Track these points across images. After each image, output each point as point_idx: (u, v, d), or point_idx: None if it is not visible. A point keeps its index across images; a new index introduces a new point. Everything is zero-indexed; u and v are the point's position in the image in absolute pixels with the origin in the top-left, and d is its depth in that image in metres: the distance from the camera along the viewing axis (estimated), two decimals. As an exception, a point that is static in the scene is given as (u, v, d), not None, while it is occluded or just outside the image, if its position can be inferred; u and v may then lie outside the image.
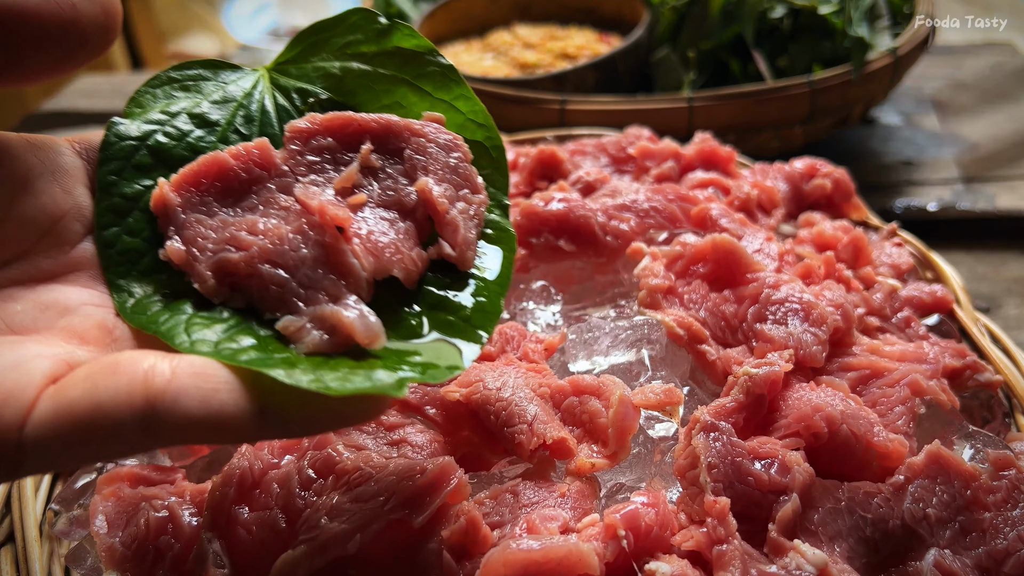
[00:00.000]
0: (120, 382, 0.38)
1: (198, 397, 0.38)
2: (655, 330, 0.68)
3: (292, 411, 0.39)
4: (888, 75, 1.26)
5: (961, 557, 0.53)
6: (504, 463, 0.59)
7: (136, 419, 0.37)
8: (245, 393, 0.39)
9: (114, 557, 0.54)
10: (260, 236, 0.46)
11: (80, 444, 0.38)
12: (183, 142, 0.50)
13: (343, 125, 0.50)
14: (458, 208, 0.50)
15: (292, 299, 0.44)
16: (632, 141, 0.97)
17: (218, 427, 0.38)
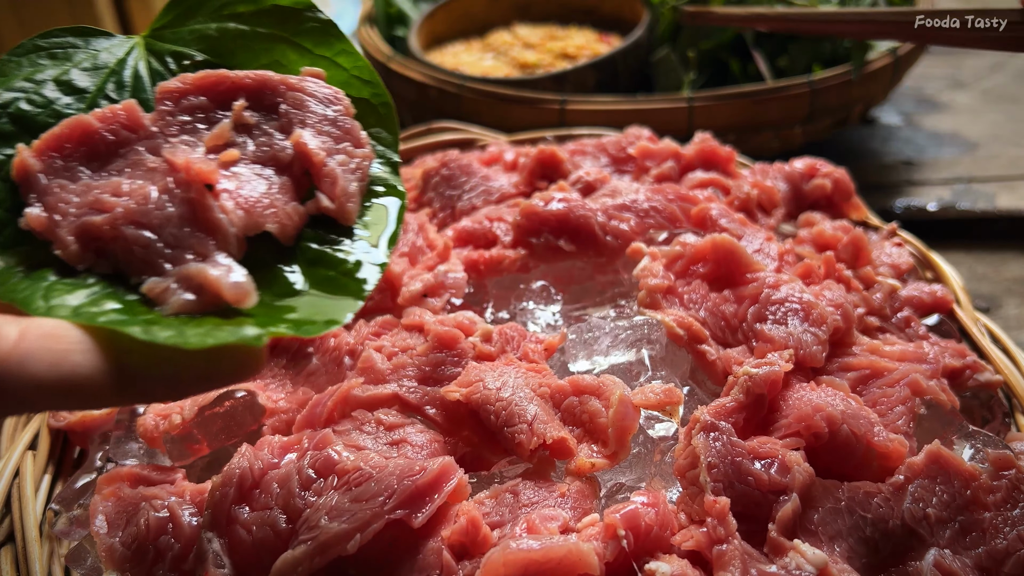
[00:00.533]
0: None
1: (48, 360, 0.36)
2: (655, 330, 0.68)
3: (153, 372, 0.38)
4: (888, 75, 1.26)
5: (961, 557, 0.53)
6: (504, 463, 0.59)
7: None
8: (101, 354, 0.37)
9: (114, 557, 0.54)
10: (124, 197, 0.44)
11: None
12: (48, 109, 0.48)
13: (215, 83, 0.49)
14: (337, 160, 0.48)
15: (158, 260, 0.42)
16: (632, 141, 0.97)
17: (72, 390, 0.37)
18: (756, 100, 1.20)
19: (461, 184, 0.89)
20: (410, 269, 0.76)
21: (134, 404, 0.49)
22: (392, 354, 0.65)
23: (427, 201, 0.90)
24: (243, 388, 0.64)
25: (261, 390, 0.65)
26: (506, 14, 1.59)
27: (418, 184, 0.92)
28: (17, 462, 0.67)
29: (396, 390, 0.62)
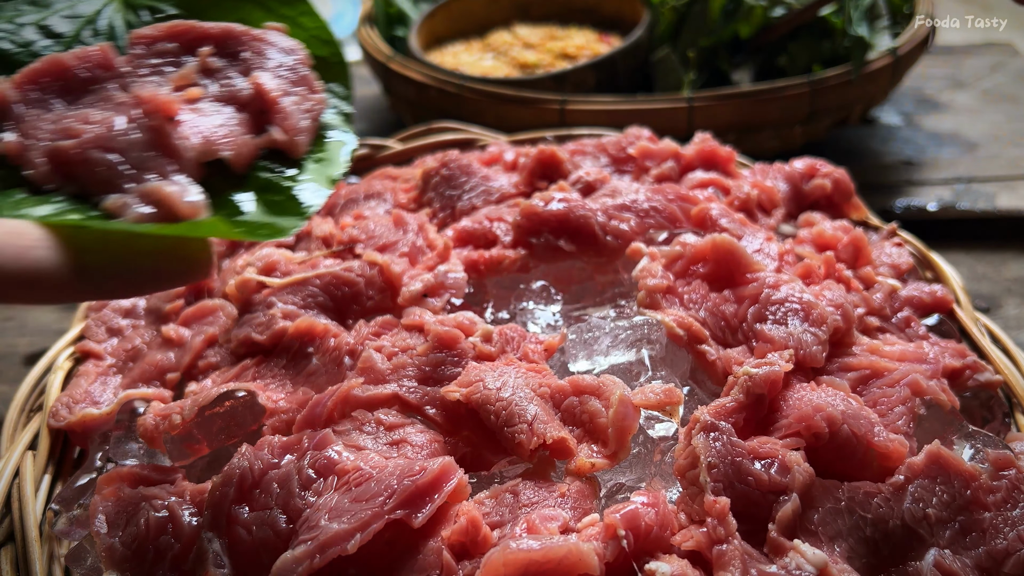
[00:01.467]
0: None
1: (12, 254, 0.40)
2: (655, 330, 0.68)
3: (109, 269, 0.42)
4: (888, 75, 1.26)
5: (961, 557, 0.53)
6: (504, 463, 0.59)
7: None
8: (61, 251, 0.41)
9: (114, 557, 0.54)
10: (93, 124, 0.48)
11: None
12: (27, 50, 0.53)
13: (185, 31, 0.54)
14: (291, 100, 0.53)
15: (119, 180, 0.46)
16: (632, 141, 0.97)
17: (34, 282, 0.40)
18: (756, 100, 1.20)
19: (461, 184, 0.89)
20: (410, 269, 0.76)
21: (92, 300, 0.53)
22: (392, 354, 0.65)
23: (427, 201, 0.90)
24: (243, 388, 0.64)
25: (261, 390, 0.65)
26: (506, 14, 1.59)
27: (418, 184, 0.92)
28: (17, 462, 0.67)
29: (396, 390, 0.62)
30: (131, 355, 0.77)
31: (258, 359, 0.68)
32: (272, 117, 0.52)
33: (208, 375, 0.71)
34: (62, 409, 0.70)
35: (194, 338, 0.74)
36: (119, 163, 0.47)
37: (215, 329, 0.75)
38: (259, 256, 0.78)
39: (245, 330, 0.70)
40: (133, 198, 0.46)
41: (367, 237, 0.80)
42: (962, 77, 1.69)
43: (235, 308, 0.77)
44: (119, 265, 0.42)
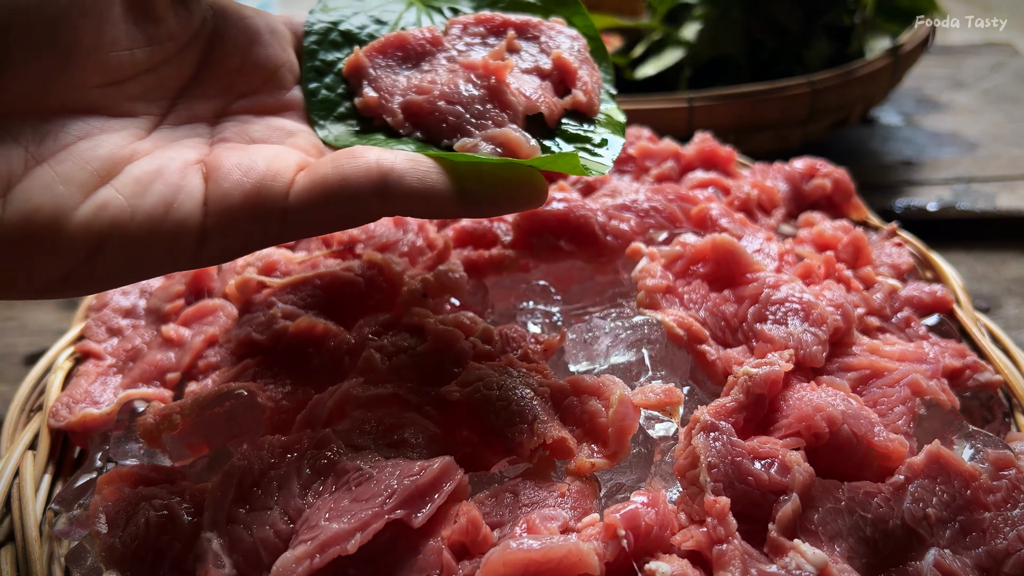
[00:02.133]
0: (359, 163, 0.51)
1: (417, 176, 0.51)
2: (655, 330, 0.68)
3: (480, 191, 0.53)
4: (888, 75, 1.26)
5: (961, 557, 0.53)
6: (504, 463, 0.59)
7: (373, 189, 0.50)
8: (448, 176, 0.52)
9: (114, 557, 0.54)
10: (439, 84, 0.61)
11: (331, 206, 0.50)
12: (364, 32, 0.67)
13: (490, 19, 0.68)
14: (585, 71, 0.65)
15: (466, 126, 0.58)
16: (632, 141, 0.97)
17: (431, 199, 0.51)
18: (756, 100, 1.20)
19: (461, 184, 0.89)
20: (410, 269, 0.76)
21: (467, 216, 0.66)
22: (392, 354, 0.65)
23: (427, 201, 0.90)
24: (243, 388, 0.64)
25: (261, 390, 0.65)
26: (506, 14, 1.59)
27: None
28: (17, 462, 0.67)
29: (396, 390, 0.62)
30: (131, 355, 0.77)
31: (258, 359, 0.68)
32: (573, 83, 0.64)
33: (208, 375, 0.71)
34: (62, 409, 0.70)
35: (194, 338, 0.74)
36: (463, 114, 0.59)
37: (215, 329, 0.75)
38: (259, 256, 0.78)
39: (245, 330, 0.70)
40: (482, 141, 0.57)
41: (367, 237, 0.80)
42: (962, 77, 1.69)
43: (235, 308, 0.77)
44: (489, 190, 0.53)
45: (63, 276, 0.46)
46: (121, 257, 0.47)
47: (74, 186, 0.46)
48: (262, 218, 0.50)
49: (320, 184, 0.50)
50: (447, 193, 0.52)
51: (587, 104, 0.63)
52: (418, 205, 0.51)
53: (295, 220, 0.50)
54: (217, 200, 0.49)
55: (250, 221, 0.50)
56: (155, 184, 0.48)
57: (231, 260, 0.52)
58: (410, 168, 0.51)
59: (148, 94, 0.53)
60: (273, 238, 0.51)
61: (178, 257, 0.49)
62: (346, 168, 0.50)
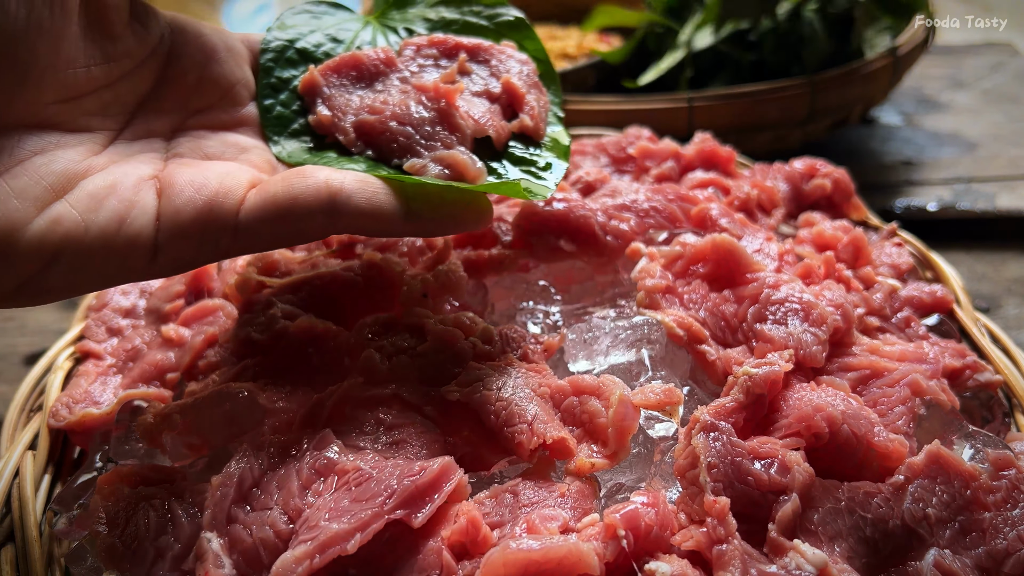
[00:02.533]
0: (309, 182, 0.53)
1: (365, 196, 0.54)
2: (655, 330, 0.68)
3: (427, 212, 0.56)
4: (888, 75, 1.26)
5: (961, 557, 0.53)
6: (504, 463, 0.59)
7: (322, 208, 0.52)
8: (395, 197, 0.55)
9: (114, 557, 0.54)
10: (391, 105, 0.63)
11: (280, 224, 0.52)
12: (319, 50, 0.68)
13: (443, 41, 0.70)
14: (532, 96, 0.68)
15: (416, 147, 0.61)
16: (632, 141, 0.97)
17: (378, 218, 0.54)
18: (756, 100, 1.20)
19: (461, 184, 0.89)
20: (410, 269, 0.76)
21: (414, 235, 0.67)
22: (392, 354, 0.65)
23: (427, 201, 0.90)
24: (243, 388, 0.64)
25: (261, 390, 0.65)
26: (506, 14, 1.59)
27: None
28: (17, 462, 0.67)
29: (396, 390, 0.62)
30: (131, 355, 0.77)
31: (258, 359, 0.68)
32: (520, 108, 0.67)
33: (208, 375, 0.71)
34: (62, 409, 0.70)
35: (194, 338, 0.74)
36: (413, 135, 0.61)
37: (215, 329, 0.75)
38: (259, 256, 0.78)
39: (245, 330, 0.70)
40: (430, 162, 0.59)
41: (367, 237, 0.80)
42: (962, 77, 1.69)
43: (235, 308, 0.77)
44: (435, 211, 0.56)
45: (16, 287, 0.48)
46: (74, 270, 0.48)
47: (28, 200, 0.47)
48: (213, 234, 0.52)
49: (271, 202, 0.52)
50: (394, 213, 0.54)
51: (533, 128, 0.66)
52: (366, 223, 0.53)
53: (245, 236, 0.52)
54: (170, 216, 0.51)
55: (201, 236, 0.51)
56: (109, 199, 0.49)
57: (182, 272, 0.54)
58: (359, 188, 0.53)
59: (105, 109, 0.54)
60: (223, 253, 0.53)
61: (130, 270, 0.50)
62: (296, 188, 0.52)
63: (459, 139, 0.61)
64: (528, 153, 0.65)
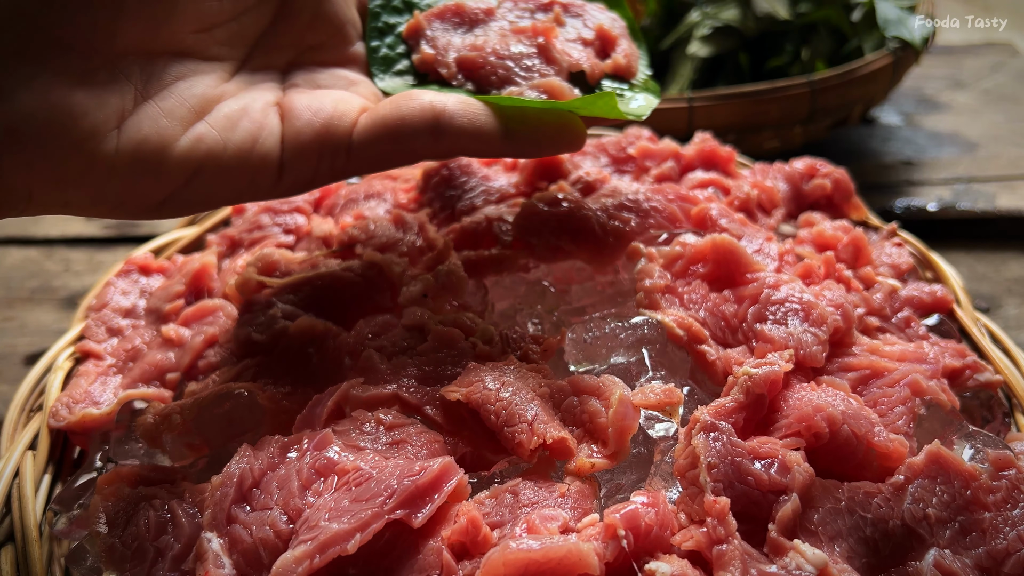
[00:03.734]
0: (415, 104, 0.58)
1: (467, 116, 0.58)
2: (655, 330, 0.68)
3: (525, 133, 0.60)
4: (888, 75, 1.26)
5: (961, 557, 0.53)
6: (504, 463, 0.59)
7: (428, 127, 0.57)
8: (495, 118, 0.59)
9: (114, 557, 0.54)
10: (491, 42, 0.68)
11: (390, 143, 0.57)
12: (423, 2, 0.72)
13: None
14: (625, 41, 0.73)
15: (514, 78, 0.66)
16: (632, 141, 0.97)
17: (479, 137, 0.58)
18: (756, 100, 1.20)
19: (461, 184, 0.89)
20: (410, 269, 0.76)
21: (512, 155, 0.67)
22: (392, 354, 0.65)
23: (427, 201, 0.90)
24: (243, 388, 0.64)
25: (261, 390, 0.65)
26: (506, 14, 1.59)
27: (418, 184, 0.92)
28: (17, 462, 0.67)
29: (396, 390, 0.62)
30: (131, 355, 0.77)
31: (258, 359, 0.68)
32: (613, 49, 0.72)
33: (208, 375, 0.71)
34: (62, 409, 0.70)
35: (194, 338, 0.74)
36: (512, 67, 0.66)
37: (215, 329, 0.75)
38: (259, 256, 0.78)
39: (245, 330, 0.70)
40: (528, 88, 0.65)
41: (367, 237, 0.80)
42: (962, 77, 1.69)
43: (235, 308, 0.77)
44: (533, 131, 0.60)
45: (163, 199, 0.53)
46: (213, 184, 0.54)
47: (176, 120, 0.52)
48: (329, 153, 0.57)
49: (380, 123, 0.57)
50: (493, 133, 0.58)
51: (626, 67, 0.70)
52: (468, 143, 0.58)
53: (359, 156, 0.57)
54: (292, 137, 0.56)
55: (319, 156, 0.57)
56: (242, 121, 0.55)
57: (303, 192, 0.60)
58: (461, 109, 0.58)
59: (232, 40, 0.58)
60: (340, 172, 0.58)
61: (260, 186, 0.56)
62: (403, 108, 0.57)
63: (556, 71, 0.66)
64: (620, 89, 0.69)
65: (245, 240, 0.89)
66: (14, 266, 1.24)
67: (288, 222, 0.89)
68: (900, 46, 1.26)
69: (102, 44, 0.49)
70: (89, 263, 1.24)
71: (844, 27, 1.34)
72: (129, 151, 0.50)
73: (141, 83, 0.52)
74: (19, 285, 1.21)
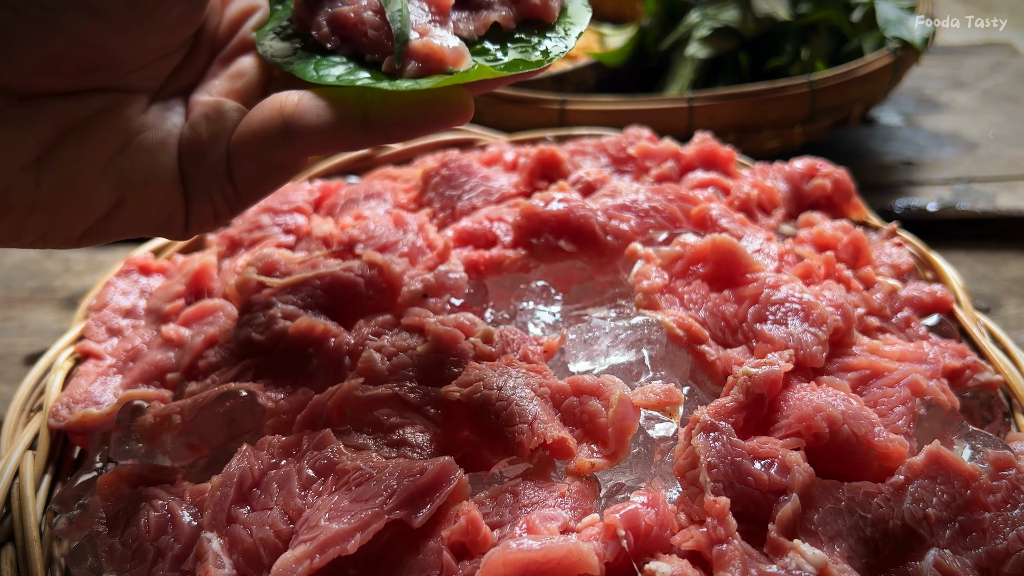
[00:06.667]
0: (263, 112, 0.54)
1: (315, 112, 0.52)
2: (655, 330, 0.68)
3: (389, 116, 0.52)
4: (888, 75, 1.26)
5: (961, 557, 0.53)
6: (504, 463, 0.59)
7: (279, 135, 0.53)
8: (351, 106, 0.52)
9: (114, 557, 0.54)
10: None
11: (253, 162, 0.54)
12: None
13: None
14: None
15: (386, 40, 0.55)
16: (632, 141, 0.97)
17: (335, 132, 0.52)
18: (756, 100, 1.20)
19: (461, 184, 0.89)
20: (410, 269, 0.76)
21: (377, 144, 0.64)
22: (392, 354, 0.65)
23: (427, 201, 0.90)
24: (243, 388, 0.64)
25: (261, 390, 0.65)
26: (506, 14, 1.59)
27: (418, 184, 0.92)
28: (17, 462, 0.67)
29: (396, 390, 0.62)
30: (131, 355, 0.77)
31: (258, 359, 0.68)
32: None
33: (208, 375, 0.71)
34: (62, 409, 0.70)
35: (194, 338, 0.74)
36: (382, 26, 0.55)
37: (215, 329, 0.75)
38: (259, 256, 0.78)
39: (245, 330, 0.70)
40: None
41: (367, 237, 0.80)
42: (962, 77, 1.69)
43: (235, 308, 0.77)
44: (398, 113, 0.52)
45: (86, 231, 0.53)
46: (134, 216, 0.54)
47: (96, 154, 0.52)
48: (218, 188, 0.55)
49: (237, 143, 0.54)
50: (351, 123, 0.52)
51: (541, 8, 0.59)
52: (325, 140, 0.53)
53: (239, 183, 0.55)
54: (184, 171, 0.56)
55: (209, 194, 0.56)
56: (161, 154, 0.55)
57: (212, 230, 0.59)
58: (311, 105, 0.53)
59: (156, 72, 0.57)
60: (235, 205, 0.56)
61: (175, 224, 0.56)
62: (253, 120, 0.54)
63: (439, 21, 0.56)
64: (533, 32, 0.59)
65: (245, 240, 0.89)
66: (14, 266, 1.24)
67: (288, 222, 0.89)
68: (900, 46, 1.26)
69: (16, 83, 0.48)
70: (89, 263, 1.24)
71: (844, 27, 1.34)
72: (50, 186, 0.50)
73: (61, 118, 0.50)
74: (19, 285, 1.21)
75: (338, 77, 0.54)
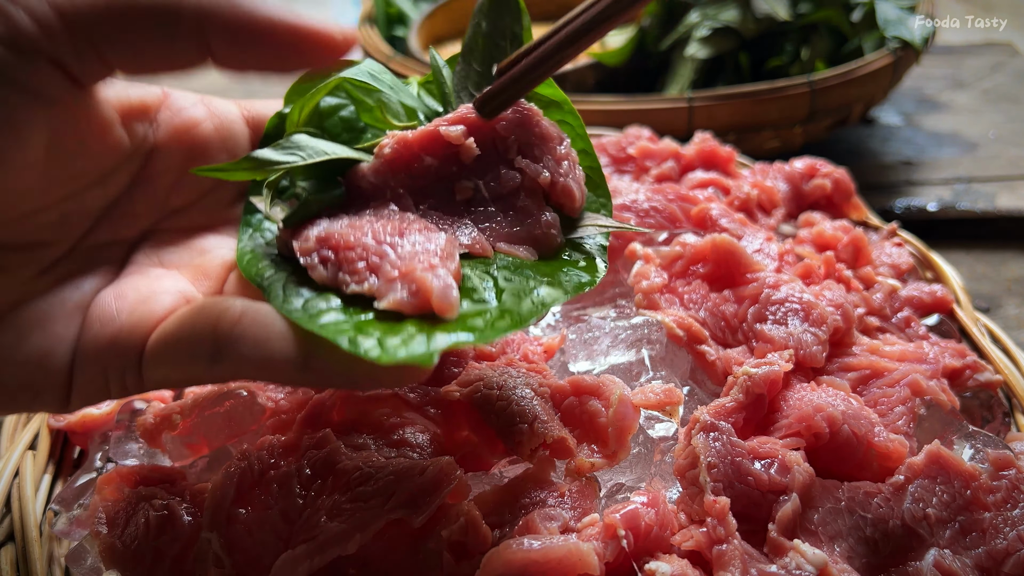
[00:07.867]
0: (198, 321, 0.44)
1: (253, 342, 0.43)
2: (655, 330, 0.68)
3: (333, 366, 0.43)
4: (888, 75, 1.26)
5: (961, 557, 0.53)
6: (504, 463, 0.59)
7: (206, 352, 0.44)
8: (294, 344, 0.43)
9: (114, 557, 0.54)
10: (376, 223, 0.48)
11: (169, 365, 0.45)
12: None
13: None
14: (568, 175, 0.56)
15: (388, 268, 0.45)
16: (632, 141, 0.97)
17: (264, 367, 0.44)
18: (756, 100, 1.20)
19: (461, 184, 0.89)
20: (410, 269, 0.76)
21: (314, 386, 0.57)
22: (392, 354, 0.64)
23: (427, 201, 0.90)
24: (243, 388, 0.64)
25: (261, 390, 0.65)
26: (506, 14, 1.59)
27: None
28: (17, 462, 0.67)
29: (396, 390, 0.62)
30: (131, 355, 0.77)
31: (258, 359, 0.68)
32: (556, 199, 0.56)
33: (208, 375, 0.71)
34: (62, 409, 0.70)
35: (194, 338, 0.74)
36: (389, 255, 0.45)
37: (215, 329, 0.75)
38: (259, 256, 0.78)
39: (245, 330, 0.70)
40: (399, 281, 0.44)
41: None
42: (962, 77, 1.69)
43: (235, 308, 0.77)
44: (343, 366, 0.43)
45: None
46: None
47: None
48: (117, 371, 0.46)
49: (162, 340, 0.45)
50: (287, 362, 0.43)
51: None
52: (252, 371, 0.44)
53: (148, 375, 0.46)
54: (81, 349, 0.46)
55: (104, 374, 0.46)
56: (36, 332, 0.46)
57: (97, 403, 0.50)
58: (251, 333, 0.44)
59: (63, 220, 0.47)
60: (133, 391, 0.47)
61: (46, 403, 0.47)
62: (184, 323, 0.45)
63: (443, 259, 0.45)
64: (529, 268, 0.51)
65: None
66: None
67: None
68: (900, 46, 1.26)
69: None
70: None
71: (844, 27, 1.34)
72: None
73: None
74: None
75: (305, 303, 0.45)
